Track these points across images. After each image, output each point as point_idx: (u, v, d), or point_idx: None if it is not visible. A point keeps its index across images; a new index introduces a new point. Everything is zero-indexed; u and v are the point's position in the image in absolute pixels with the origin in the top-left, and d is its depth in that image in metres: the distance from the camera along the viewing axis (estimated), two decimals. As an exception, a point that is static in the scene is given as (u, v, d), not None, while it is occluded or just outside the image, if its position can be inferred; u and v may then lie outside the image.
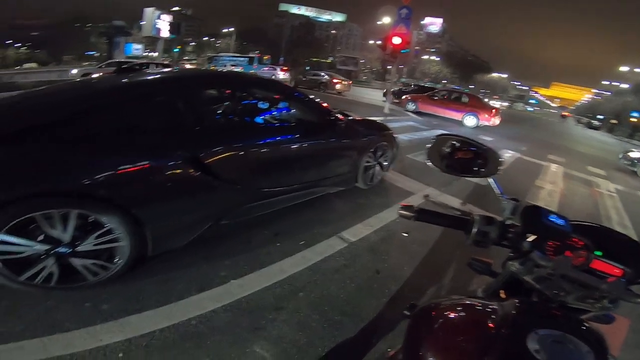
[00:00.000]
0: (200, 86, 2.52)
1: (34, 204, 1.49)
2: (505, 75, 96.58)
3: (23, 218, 1.47)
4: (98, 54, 47.53)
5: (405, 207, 0.79)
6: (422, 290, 2.13)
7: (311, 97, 3.13)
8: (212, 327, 1.62)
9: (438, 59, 78.23)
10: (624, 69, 49.57)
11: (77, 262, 1.66)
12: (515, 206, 0.73)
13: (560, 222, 0.67)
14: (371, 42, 63.66)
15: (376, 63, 63.47)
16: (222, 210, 2.22)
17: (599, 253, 0.70)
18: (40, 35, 48.12)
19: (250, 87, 3.03)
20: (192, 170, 1.94)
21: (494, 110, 12.06)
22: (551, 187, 5.40)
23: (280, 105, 3.09)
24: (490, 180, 0.84)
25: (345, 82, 19.35)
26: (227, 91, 2.92)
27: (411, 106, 13.60)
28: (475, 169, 0.88)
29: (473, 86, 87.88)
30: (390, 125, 4.31)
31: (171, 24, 26.30)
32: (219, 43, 68.74)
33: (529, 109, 68.36)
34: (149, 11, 26.30)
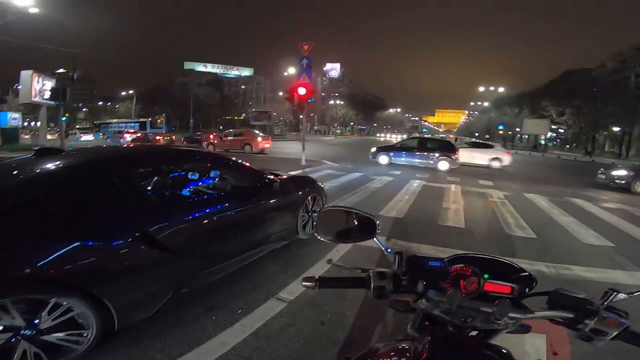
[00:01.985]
0: (137, 163, 2.57)
1: None
2: (399, 110, 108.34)
3: None
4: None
5: (307, 279, 0.79)
6: (369, 332, 2.23)
7: (244, 163, 3.35)
8: None
9: (342, 102, 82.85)
10: (481, 89, 60.22)
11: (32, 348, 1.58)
12: (399, 259, 0.79)
13: (438, 264, 0.76)
14: (280, 93, 66.21)
15: (288, 114, 62.51)
16: (180, 279, 2.27)
17: (487, 276, 0.77)
18: None
19: (191, 161, 3.20)
20: (142, 246, 1.99)
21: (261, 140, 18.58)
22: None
23: (219, 173, 3.23)
24: (376, 240, 0.89)
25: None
26: (166, 166, 2.97)
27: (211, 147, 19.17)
28: (359, 233, 0.92)
29: (376, 124, 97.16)
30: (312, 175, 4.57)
31: (53, 89, 22.23)
32: (117, 107, 63.49)
33: None
34: (26, 74, 22.85)
